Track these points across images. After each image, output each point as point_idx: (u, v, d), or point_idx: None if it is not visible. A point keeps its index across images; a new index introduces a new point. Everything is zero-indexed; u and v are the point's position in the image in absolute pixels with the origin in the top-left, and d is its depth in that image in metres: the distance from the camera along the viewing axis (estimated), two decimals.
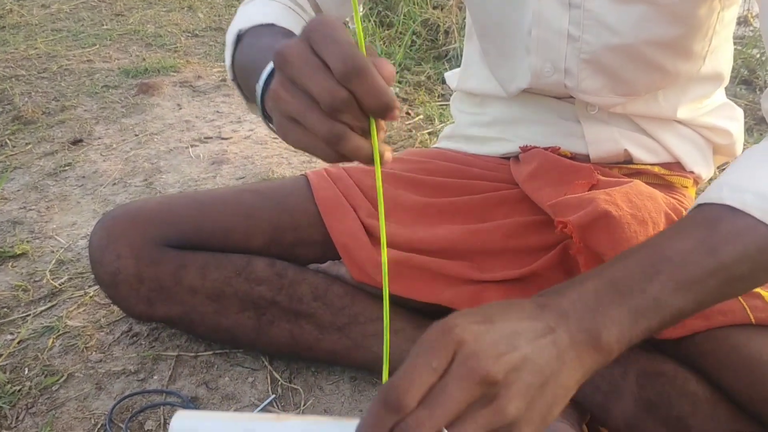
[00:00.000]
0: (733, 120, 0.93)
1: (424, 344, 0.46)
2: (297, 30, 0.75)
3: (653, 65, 0.79)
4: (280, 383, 0.93)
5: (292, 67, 0.46)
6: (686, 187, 0.92)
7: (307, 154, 1.73)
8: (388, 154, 0.48)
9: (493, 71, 0.92)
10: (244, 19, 0.77)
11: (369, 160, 0.47)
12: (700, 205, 0.60)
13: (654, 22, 0.75)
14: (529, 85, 0.86)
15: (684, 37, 0.78)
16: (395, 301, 0.90)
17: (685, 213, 0.78)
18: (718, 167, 1.00)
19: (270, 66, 0.56)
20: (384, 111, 0.45)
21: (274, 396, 0.90)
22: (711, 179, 1.52)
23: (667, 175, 0.90)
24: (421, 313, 0.90)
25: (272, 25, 0.74)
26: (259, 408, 0.87)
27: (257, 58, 0.64)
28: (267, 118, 0.58)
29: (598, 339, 0.49)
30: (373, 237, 0.90)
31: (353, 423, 0.47)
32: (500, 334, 0.47)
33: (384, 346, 0.49)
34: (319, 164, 1.60)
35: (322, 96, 0.44)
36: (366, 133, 0.47)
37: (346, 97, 0.44)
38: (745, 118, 0.98)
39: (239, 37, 0.75)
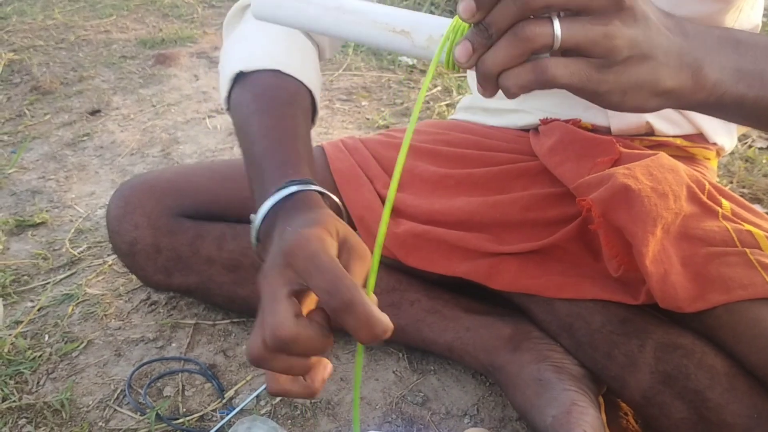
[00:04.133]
0: None
1: None
2: (300, 68, 0.76)
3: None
4: None
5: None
6: (708, 159, 0.91)
7: (323, 126, 1.72)
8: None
9: None
10: (242, 51, 0.77)
11: None
12: None
13: (692, 0, 0.74)
14: None
15: (719, 13, 0.76)
16: (412, 272, 0.89)
17: (708, 185, 0.77)
18: (739, 139, 0.99)
19: (264, 210, 0.59)
20: (376, 339, 0.47)
21: None
22: (733, 151, 1.50)
23: (689, 147, 0.88)
24: (438, 285, 0.90)
25: (278, 72, 0.74)
26: None
27: (258, 162, 0.65)
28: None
29: (700, 69, 0.49)
30: None
31: (447, 20, 0.46)
32: None
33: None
34: (335, 136, 1.60)
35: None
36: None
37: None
38: None
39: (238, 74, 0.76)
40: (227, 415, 0.83)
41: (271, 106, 0.72)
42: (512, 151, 0.93)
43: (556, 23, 0.43)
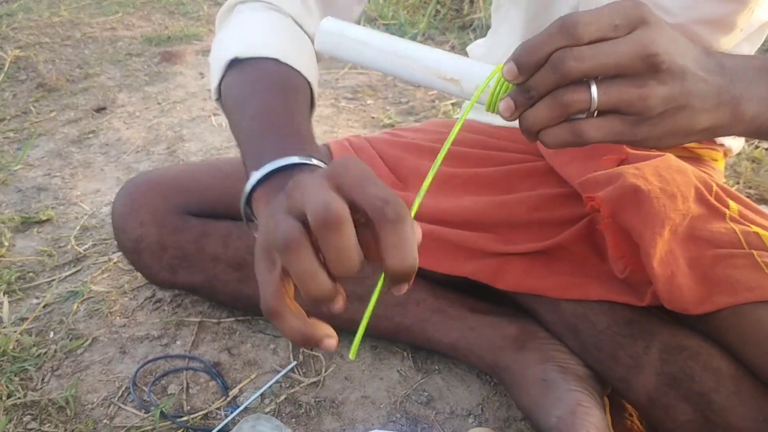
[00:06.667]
0: None
1: (614, 5, 0.47)
2: (298, 59, 0.71)
3: (696, 41, 0.77)
4: (301, 350, 0.93)
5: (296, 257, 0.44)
6: (716, 160, 0.90)
7: (329, 124, 1.71)
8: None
9: None
10: (239, 39, 0.73)
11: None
12: None
13: (707, 2, 0.73)
14: None
15: (732, 14, 0.75)
16: (418, 272, 0.89)
17: (715, 187, 0.77)
18: (746, 140, 0.98)
19: (256, 178, 0.54)
20: (406, 269, 0.45)
21: (295, 362, 0.90)
22: (740, 152, 1.49)
23: (696, 148, 0.88)
24: (443, 285, 0.90)
25: (276, 61, 0.70)
26: (280, 374, 0.88)
27: (255, 139, 0.61)
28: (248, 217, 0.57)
29: (738, 105, 0.51)
30: None
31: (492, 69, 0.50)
32: (681, 41, 0.49)
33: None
34: (340, 134, 1.60)
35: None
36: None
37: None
38: None
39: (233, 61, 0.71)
40: (231, 413, 0.83)
41: (269, 87, 0.68)
42: (519, 150, 0.93)
43: (594, 89, 0.47)
